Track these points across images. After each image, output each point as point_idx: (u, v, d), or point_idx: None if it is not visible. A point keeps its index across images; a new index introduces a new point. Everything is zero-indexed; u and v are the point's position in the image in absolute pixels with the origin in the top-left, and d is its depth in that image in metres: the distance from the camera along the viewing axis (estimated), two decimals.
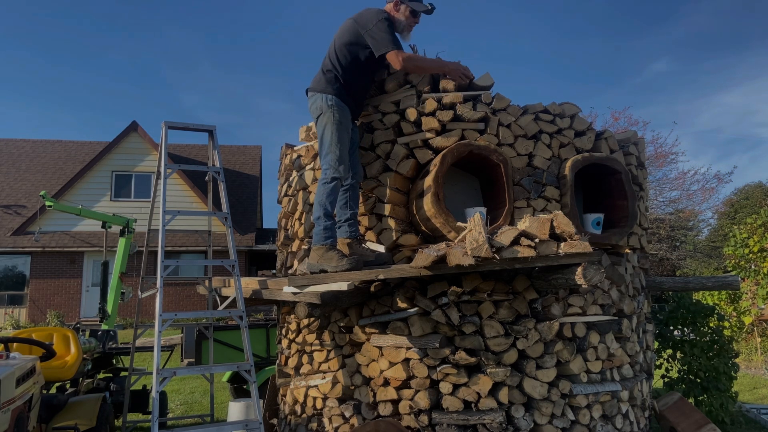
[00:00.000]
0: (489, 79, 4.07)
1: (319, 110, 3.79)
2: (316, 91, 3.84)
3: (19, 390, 3.24)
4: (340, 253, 3.50)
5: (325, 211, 3.65)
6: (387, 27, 3.72)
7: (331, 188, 3.67)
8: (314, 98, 3.84)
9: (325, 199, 3.66)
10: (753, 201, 27.33)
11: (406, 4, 3.87)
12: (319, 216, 3.66)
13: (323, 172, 3.72)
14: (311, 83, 3.94)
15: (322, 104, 3.77)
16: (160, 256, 4.14)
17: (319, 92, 3.81)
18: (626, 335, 4.09)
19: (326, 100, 3.76)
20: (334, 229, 3.69)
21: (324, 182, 3.69)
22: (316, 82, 3.87)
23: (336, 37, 3.89)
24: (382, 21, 3.73)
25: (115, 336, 6.90)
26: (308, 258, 3.67)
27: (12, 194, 21.28)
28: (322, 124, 3.78)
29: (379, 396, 3.79)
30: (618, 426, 3.94)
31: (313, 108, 3.86)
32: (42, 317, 18.71)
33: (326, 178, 3.68)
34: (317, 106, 3.80)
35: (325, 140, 3.74)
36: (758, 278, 10.45)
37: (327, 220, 3.65)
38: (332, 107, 3.74)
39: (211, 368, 4.53)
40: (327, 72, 3.83)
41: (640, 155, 4.63)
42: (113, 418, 5.50)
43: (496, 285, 3.68)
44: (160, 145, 4.69)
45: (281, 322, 4.82)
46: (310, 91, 3.91)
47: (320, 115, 3.79)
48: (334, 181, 3.67)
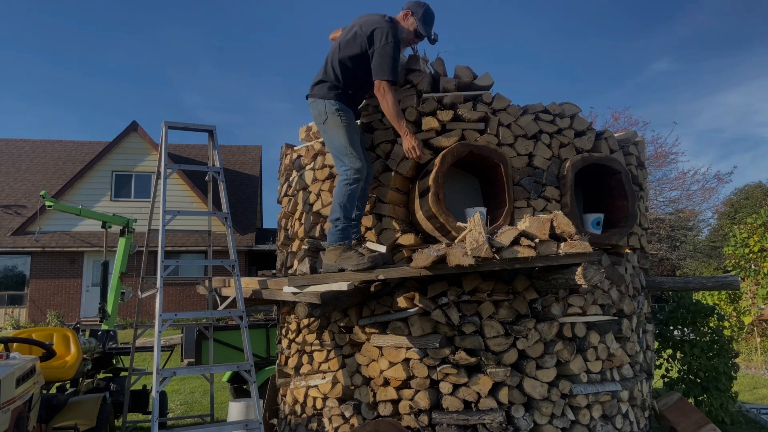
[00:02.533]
0: (489, 79, 4.07)
1: (323, 115, 3.76)
2: (317, 97, 3.80)
3: (19, 390, 3.24)
4: (358, 252, 3.47)
5: (345, 212, 3.61)
6: (392, 51, 3.62)
7: (352, 190, 3.62)
8: (315, 104, 3.81)
9: (346, 200, 3.61)
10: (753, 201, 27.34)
11: (416, 22, 3.78)
12: (339, 217, 3.61)
13: (343, 173, 3.67)
14: (311, 89, 3.89)
15: (325, 110, 3.74)
16: (160, 256, 4.14)
17: (320, 98, 3.78)
18: (626, 335, 4.09)
19: (328, 105, 3.73)
20: (350, 231, 3.66)
21: (346, 183, 3.63)
22: (317, 89, 3.83)
23: (341, 46, 3.81)
24: (389, 44, 3.61)
25: (115, 336, 6.90)
26: (324, 258, 3.63)
27: (12, 194, 21.28)
28: (330, 129, 3.75)
29: (379, 396, 3.79)
30: (618, 426, 3.95)
31: (315, 113, 3.83)
32: (42, 317, 18.71)
33: (348, 179, 3.63)
34: (320, 111, 3.77)
35: (338, 143, 3.70)
36: (758, 278, 10.45)
37: (345, 222, 3.61)
38: (337, 111, 3.72)
39: (211, 368, 4.53)
40: (328, 80, 3.79)
41: (640, 155, 4.63)
42: (113, 418, 5.51)
43: (496, 285, 3.68)
44: (160, 145, 4.69)
45: (281, 322, 4.82)
46: (311, 96, 3.87)
47: (326, 120, 3.76)
48: (356, 183, 3.63)
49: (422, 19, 3.76)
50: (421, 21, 3.76)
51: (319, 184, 4.31)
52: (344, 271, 3.45)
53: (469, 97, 3.93)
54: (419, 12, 3.76)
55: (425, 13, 3.77)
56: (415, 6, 3.79)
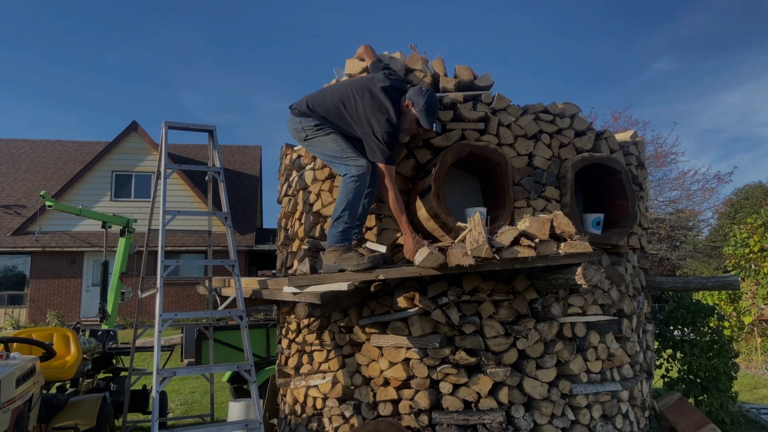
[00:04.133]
0: (489, 79, 4.07)
1: (302, 132, 3.79)
2: (300, 115, 3.81)
3: (19, 390, 3.24)
4: (358, 253, 3.45)
5: (350, 212, 3.56)
6: (388, 137, 3.55)
7: (359, 186, 3.57)
8: (294, 121, 3.83)
9: (353, 197, 3.55)
10: (753, 201, 27.36)
11: (418, 113, 3.60)
12: (342, 216, 3.56)
13: (350, 171, 3.61)
14: (297, 106, 3.87)
15: (304, 126, 3.77)
16: (160, 256, 4.14)
17: (300, 117, 3.80)
18: (626, 335, 4.09)
19: (307, 123, 3.76)
20: (351, 232, 3.62)
21: (353, 180, 3.57)
22: (303, 107, 3.83)
23: (337, 98, 3.72)
24: (387, 134, 3.54)
25: (115, 336, 6.90)
26: (324, 259, 3.62)
27: (12, 194, 21.28)
28: (317, 144, 3.77)
29: (379, 396, 3.79)
30: (618, 426, 3.95)
31: (296, 131, 3.85)
32: (42, 317, 18.71)
33: (354, 175, 3.58)
34: (299, 128, 3.80)
35: (332, 151, 3.70)
36: (758, 278, 10.46)
37: (349, 221, 3.56)
38: (317, 126, 3.74)
39: (211, 368, 4.53)
40: (313, 112, 3.78)
41: (640, 155, 4.64)
42: (113, 418, 5.51)
43: (496, 285, 3.68)
44: (160, 145, 4.69)
45: (281, 322, 4.82)
46: (294, 112, 3.87)
47: (309, 139, 3.79)
48: (361, 180, 3.57)
49: (424, 111, 3.58)
50: (423, 113, 3.59)
51: (319, 184, 4.31)
52: (344, 272, 3.44)
53: (469, 97, 3.93)
54: (420, 103, 3.58)
55: (426, 104, 3.58)
56: (416, 97, 3.61)
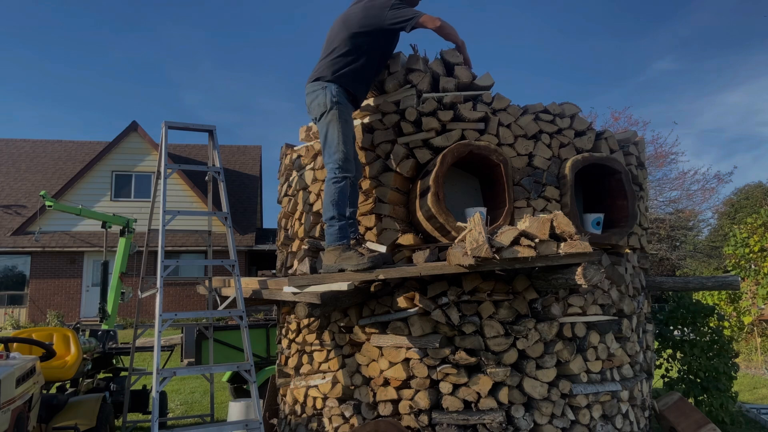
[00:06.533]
0: (489, 79, 4.07)
1: (322, 107, 3.70)
2: (322, 80, 3.74)
3: (19, 390, 3.24)
4: (358, 252, 3.45)
5: (338, 211, 3.59)
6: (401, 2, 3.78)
7: (341, 187, 3.61)
8: (316, 93, 3.74)
9: (338, 198, 3.59)
10: (753, 201, 27.32)
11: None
12: (333, 216, 3.59)
13: (331, 171, 3.65)
14: (314, 73, 3.82)
15: (325, 101, 3.68)
16: (160, 256, 4.14)
17: (321, 88, 3.71)
18: (626, 335, 4.09)
19: (330, 96, 3.67)
20: (347, 229, 3.63)
21: (335, 182, 3.61)
22: (321, 72, 3.77)
23: (345, 24, 3.78)
24: (396, 3, 3.76)
25: (115, 336, 6.91)
26: (324, 258, 3.62)
27: (12, 194, 21.28)
28: (326, 122, 3.70)
29: (379, 396, 3.79)
30: (618, 426, 3.95)
31: (314, 104, 3.76)
32: (42, 317, 18.71)
33: (336, 177, 3.61)
34: (319, 102, 3.71)
35: (331, 139, 3.67)
36: (758, 278, 10.45)
37: (341, 220, 3.59)
38: (337, 104, 3.66)
39: (211, 368, 4.53)
40: (333, 62, 3.75)
41: (640, 155, 4.64)
42: (113, 418, 5.50)
43: (496, 285, 3.68)
44: (160, 145, 4.69)
45: (281, 322, 4.82)
46: (312, 82, 3.80)
47: (324, 113, 3.70)
48: (344, 180, 3.61)
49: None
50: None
51: (319, 184, 4.30)
52: (344, 272, 3.44)
53: (469, 97, 3.93)
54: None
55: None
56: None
